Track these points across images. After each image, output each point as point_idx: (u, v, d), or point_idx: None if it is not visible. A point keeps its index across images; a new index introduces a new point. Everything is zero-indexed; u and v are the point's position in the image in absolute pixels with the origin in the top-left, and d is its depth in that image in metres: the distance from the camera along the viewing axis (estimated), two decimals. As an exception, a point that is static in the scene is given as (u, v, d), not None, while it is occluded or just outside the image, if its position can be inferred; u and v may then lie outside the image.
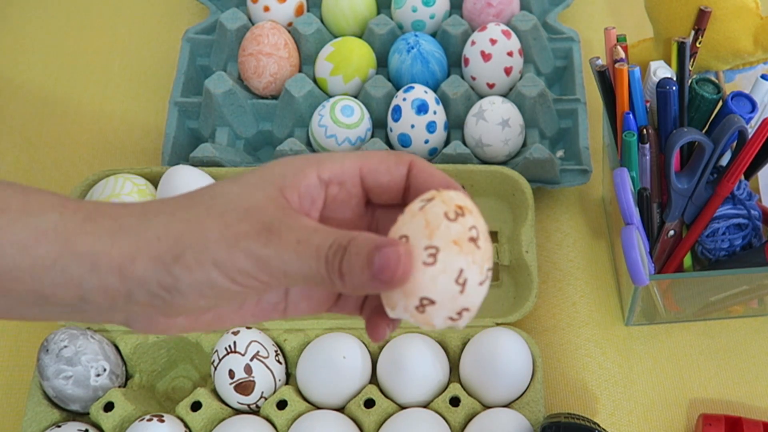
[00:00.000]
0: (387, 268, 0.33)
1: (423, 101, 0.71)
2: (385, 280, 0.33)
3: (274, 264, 0.34)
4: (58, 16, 0.90)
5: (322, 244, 0.34)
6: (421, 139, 0.71)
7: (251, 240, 0.34)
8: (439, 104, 0.73)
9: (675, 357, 0.66)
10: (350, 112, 0.69)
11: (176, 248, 0.35)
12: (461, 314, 0.34)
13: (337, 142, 0.71)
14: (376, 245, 0.33)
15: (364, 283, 0.34)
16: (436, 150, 0.73)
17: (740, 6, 0.64)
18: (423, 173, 0.39)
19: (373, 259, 0.33)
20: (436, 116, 0.72)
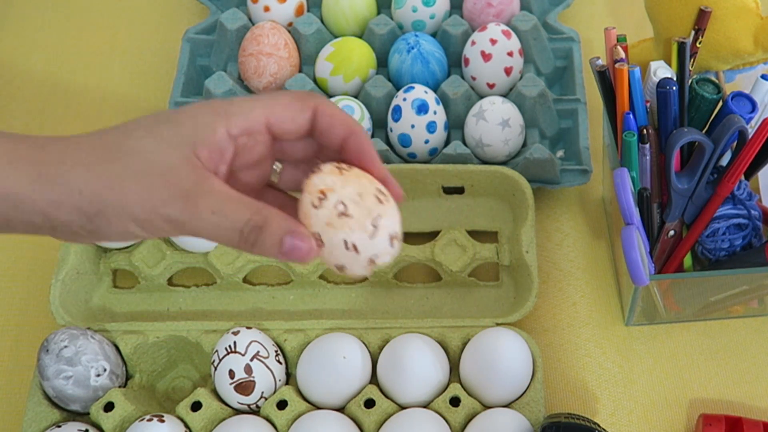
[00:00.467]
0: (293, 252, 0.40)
1: (423, 101, 0.71)
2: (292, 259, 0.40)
3: (188, 227, 0.40)
4: (59, 17, 0.90)
5: (238, 219, 0.39)
6: (422, 139, 0.72)
7: (169, 207, 0.39)
8: (439, 104, 0.73)
9: (675, 357, 0.66)
10: (350, 112, 0.69)
11: (97, 204, 0.39)
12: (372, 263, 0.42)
13: None
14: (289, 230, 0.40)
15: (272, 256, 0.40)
16: (437, 150, 0.73)
17: (740, 6, 0.64)
18: (326, 118, 0.43)
19: (284, 242, 0.40)
20: (436, 116, 0.72)
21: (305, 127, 0.43)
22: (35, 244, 0.74)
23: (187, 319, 0.68)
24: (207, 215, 0.39)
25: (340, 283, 0.70)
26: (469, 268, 0.68)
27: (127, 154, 0.40)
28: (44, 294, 0.68)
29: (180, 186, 0.39)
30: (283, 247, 0.40)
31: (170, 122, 0.41)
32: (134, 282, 0.70)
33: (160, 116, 0.41)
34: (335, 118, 0.43)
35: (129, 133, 0.40)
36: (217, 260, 0.69)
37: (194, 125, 0.40)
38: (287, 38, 0.77)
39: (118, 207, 0.39)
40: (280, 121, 0.43)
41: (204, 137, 0.40)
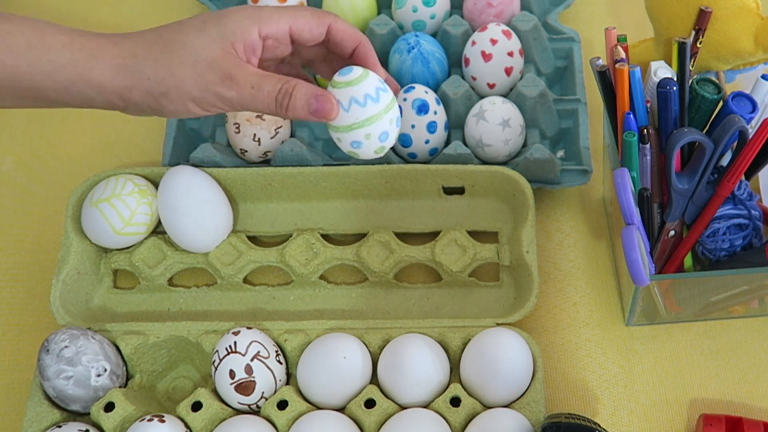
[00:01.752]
0: (321, 110, 0.53)
1: (423, 101, 0.71)
2: (320, 117, 0.53)
3: (236, 102, 0.53)
4: (58, 17, 0.90)
5: (272, 89, 0.53)
6: (422, 139, 0.72)
7: (218, 86, 0.52)
8: (439, 104, 0.73)
9: (675, 357, 0.66)
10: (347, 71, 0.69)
11: (162, 87, 0.52)
12: None
13: None
14: (314, 93, 0.53)
15: (303, 116, 0.53)
16: (437, 150, 0.73)
17: (741, 6, 0.64)
18: (339, 32, 0.57)
19: (311, 103, 0.53)
20: (436, 116, 0.72)
21: (321, 38, 0.57)
22: (36, 245, 0.74)
23: (187, 319, 0.68)
24: (248, 89, 0.52)
25: (341, 283, 0.71)
26: (470, 268, 0.68)
27: (183, 47, 0.52)
28: (45, 294, 0.69)
29: (224, 70, 0.52)
30: (311, 106, 0.53)
31: (214, 22, 0.53)
32: (135, 282, 0.70)
33: (206, 17, 0.54)
34: (346, 32, 0.57)
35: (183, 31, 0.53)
36: (218, 261, 0.69)
37: (234, 26, 0.53)
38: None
39: (178, 88, 0.52)
40: (300, 31, 0.56)
41: (241, 36, 0.53)
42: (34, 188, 0.78)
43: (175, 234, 0.68)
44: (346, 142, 0.55)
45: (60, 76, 0.51)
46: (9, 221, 0.76)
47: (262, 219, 0.73)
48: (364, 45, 0.57)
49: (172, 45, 0.52)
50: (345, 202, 0.72)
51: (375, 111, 0.54)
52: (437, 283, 0.70)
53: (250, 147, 0.72)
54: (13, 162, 0.79)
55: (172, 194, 0.67)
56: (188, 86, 0.52)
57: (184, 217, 0.67)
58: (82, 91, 0.52)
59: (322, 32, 0.56)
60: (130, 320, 0.68)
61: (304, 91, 0.53)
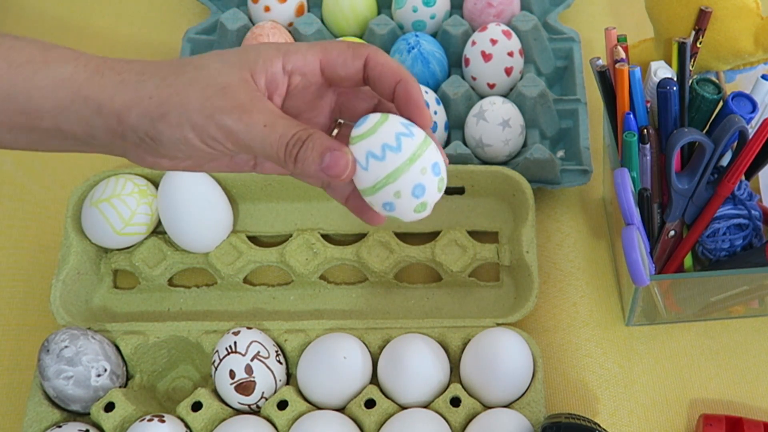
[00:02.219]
0: (333, 167, 0.42)
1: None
2: (332, 175, 0.42)
3: (241, 137, 0.43)
4: (59, 17, 0.90)
5: (285, 133, 0.42)
6: (422, 139, 0.71)
7: (225, 114, 0.42)
8: (439, 104, 0.73)
9: (675, 357, 0.66)
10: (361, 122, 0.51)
11: (162, 108, 0.43)
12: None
13: None
14: (329, 147, 0.42)
15: (312, 173, 0.42)
16: (437, 150, 0.73)
17: (741, 6, 0.64)
18: (377, 66, 0.45)
19: (324, 157, 0.42)
20: (436, 116, 0.72)
21: (357, 74, 0.46)
22: (36, 245, 0.74)
23: (187, 319, 0.68)
24: (259, 127, 0.42)
25: (341, 283, 0.71)
26: (470, 268, 0.68)
27: (196, 69, 0.44)
28: (45, 294, 0.68)
29: (237, 99, 0.43)
30: (324, 162, 0.42)
31: (236, 50, 0.46)
32: (135, 282, 0.70)
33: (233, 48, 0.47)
34: (385, 66, 0.45)
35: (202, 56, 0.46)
36: (218, 261, 0.69)
37: (256, 54, 0.45)
38: (287, 38, 0.77)
39: (179, 110, 0.43)
40: (333, 64, 0.46)
41: (263, 65, 0.44)
42: (34, 188, 0.78)
43: (176, 234, 0.68)
44: (378, 205, 0.44)
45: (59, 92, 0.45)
46: (9, 221, 0.76)
47: (262, 219, 0.73)
48: (405, 82, 0.45)
49: (185, 66, 0.45)
50: (345, 202, 0.72)
51: (398, 163, 0.43)
52: (437, 283, 0.70)
53: None
54: (13, 162, 0.79)
55: (172, 194, 0.67)
56: (191, 108, 0.43)
57: (184, 217, 0.67)
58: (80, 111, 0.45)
59: (359, 66, 0.46)
60: (130, 320, 0.68)
61: (319, 143, 0.42)
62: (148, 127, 0.44)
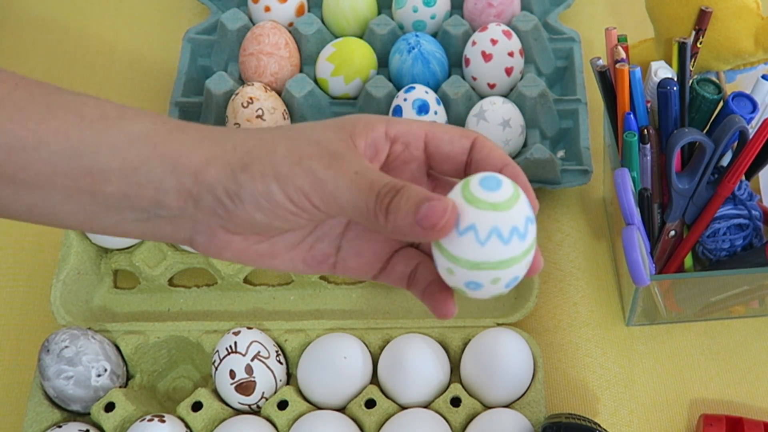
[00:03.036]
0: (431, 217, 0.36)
1: (424, 101, 0.71)
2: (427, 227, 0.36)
3: (329, 187, 0.38)
4: (59, 17, 0.90)
5: (377, 181, 0.38)
6: (422, 139, 0.71)
7: (314, 161, 0.38)
8: (440, 104, 0.73)
9: (676, 357, 0.66)
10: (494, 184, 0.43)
11: (246, 158, 0.39)
12: None
13: None
14: (427, 197, 0.37)
15: (406, 226, 0.37)
16: (437, 150, 0.73)
17: (741, 6, 0.64)
18: (484, 149, 0.42)
19: (421, 207, 0.36)
20: (437, 116, 0.72)
21: (462, 154, 0.42)
22: (36, 245, 0.74)
23: (187, 319, 0.68)
24: (350, 174, 0.38)
25: (341, 283, 0.71)
26: (470, 268, 0.68)
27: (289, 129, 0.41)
28: (45, 294, 0.68)
29: (329, 148, 0.39)
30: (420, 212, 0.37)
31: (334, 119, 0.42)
32: (135, 282, 0.70)
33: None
34: (493, 151, 0.43)
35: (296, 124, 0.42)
36: (218, 260, 0.69)
37: (356, 119, 0.42)
38: (288, 38, 0.77)
39: (265, 160, 0.39)
40: (438, 139, 0.42)
41: (363, 130, 0.41)
42: (34, 188, 0.78)
43: (176, 234, 0.68)
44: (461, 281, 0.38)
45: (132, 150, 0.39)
46: (9, 221, 0.76)
47: (263, 219, 0.73)
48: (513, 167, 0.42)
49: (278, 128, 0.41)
50: (345, 202, 0.72)
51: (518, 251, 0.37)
52: (437, 283, 0.70)
53: None
54: (14, 162, 0.79)
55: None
56: (278, 155, 0.39)
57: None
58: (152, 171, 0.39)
59: (466, 147, 0.42)
60: (130, 320, 0.68)
61: (416, 192, 0.37)
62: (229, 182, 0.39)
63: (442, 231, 0.36)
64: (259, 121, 0.71)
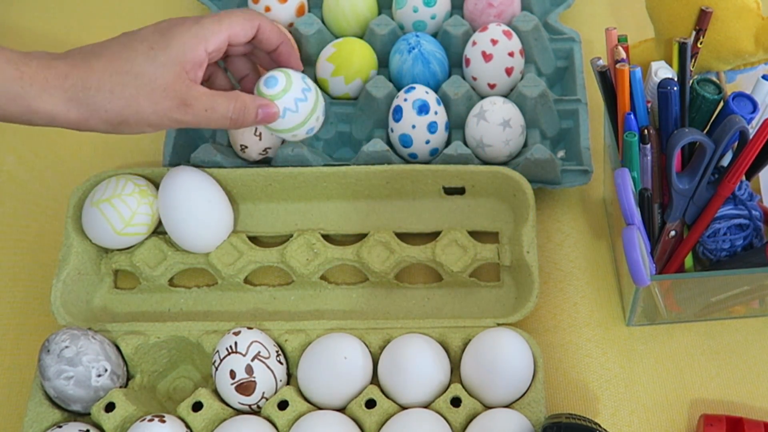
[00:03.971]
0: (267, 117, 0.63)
1: (424, 102, 0.71)
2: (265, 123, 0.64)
3: (191, 123, 0.59)
4: (59, 17, 0.90)
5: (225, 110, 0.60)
6: (423, 139, 0.72)
7: (174, 112, 0.57)
8: (440, 105, 0.73)
9: (676, 357, 0.66)
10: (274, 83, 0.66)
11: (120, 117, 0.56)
12: None
13: None
14: (259, 105, 0.62)
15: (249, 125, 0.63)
16: (438, 150, 0.73)
17: (741, 6, 0.64)
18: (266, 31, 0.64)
19: (258, 112, 0.63)
20: (437, 117, 0.72)
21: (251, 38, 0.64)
22: (37, 245, 0.74)
23: (188, 319, 0.68)
24: (202, 113, 0.59)
25: (341, 283, 0.71)
26: (470, 268, 0.68)
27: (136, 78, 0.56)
28: (45, 294, 0.69)
29: (179, 96, 0.57)
30: (259, 116, 0.62)
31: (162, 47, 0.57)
32: (135, 283, 0.70)
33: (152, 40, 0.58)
34: (272, 31, 0.64)
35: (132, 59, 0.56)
36: (218, 261, 0.69)
37: (182, 48, 0.58)
38: (288, 38, 0.77)
39: (136, 117, 0.56)
40: (236, 36, 0.62)
41: (189, 57, 0.58)
42: (35, 188, 0.78)
43: (176, 234, 0.68)
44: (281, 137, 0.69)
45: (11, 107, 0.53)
46: (10, 221, 0.76)
47: (263, 219, 0.73)
48: (285, 44, 0.66)
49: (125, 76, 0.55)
50: (345, 202, 0.72)
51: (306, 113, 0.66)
52: (438, 284, 0.70)
53: (250, 142, 0.71)
54: (15, 161, 0.79)
55: (172, 194, 0.67)
56: (146, 114, 0.56)
57: (184, 217, 0.67)
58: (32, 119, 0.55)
59: (254, 32, 0.63)
60: (130, 320, 0.68)
61: (252, 106, 0.61)
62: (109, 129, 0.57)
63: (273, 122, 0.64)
64: None
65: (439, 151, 0.73)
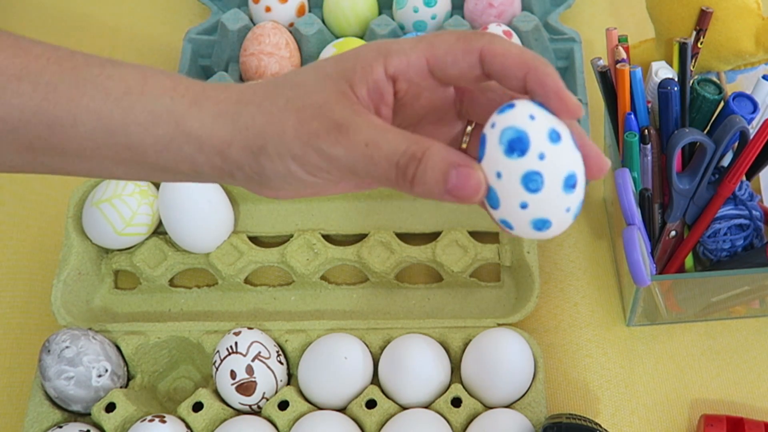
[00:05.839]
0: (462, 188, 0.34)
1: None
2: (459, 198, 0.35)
3: (344, 162, 0.36)
4: (60, 17, 0.90)
5: (392, 151, 0.35)
6: (423, 139, 0.71)
7: (322, 139, 0.37)
8: (440, 105, 0.73)
9: (676, 357, 0.66)
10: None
11: (260, 140, 0.38)
12: None
13: None
14: (453, 163, 0.34)
15: (436, 194, 0.35)
16: (438, 150, 0.73)
17: (742, 6, 0.64)
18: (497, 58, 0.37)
19: (449, 176, 0.34)
20: (437, 117, 0.72)
21: (472, 70, 0.38)
22: (37, 245, 0.74)
23: (188, 319, 0.68)
24: (360, 147, 0.36)
25: (342, 284, 0.71)
26: (471, 268, 0.68)
27: (291, 89, 0.39)
28: (46, 294, 0.69)
29: (333, 118, 0.37)
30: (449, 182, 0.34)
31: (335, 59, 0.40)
32: (136, 283, 0.70)
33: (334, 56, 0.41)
34: (508, 56, 0.37)
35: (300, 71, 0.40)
36: (219, 261, 0.69)
37: (355, 62, 0.39)
38: (288, 38, 0.77)
39: (277, 142, 0.38)
40: (441, 63, 0.38)
41: (363, 74, 0.38)
42: (35, 188, 0.78)
43: (176, 234, 0.68)
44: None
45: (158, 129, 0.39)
46: (10, 221, 0.76)
47: (263, 219, 0.73)
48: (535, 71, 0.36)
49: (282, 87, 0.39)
50: (346, 202, 0.72)
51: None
52: (438, 284, 0.70)
53: None
54: (14, 162, 0.79)
55: (173, 195, 0.67)
56: (288, 137, 0.37)
57: (185, 217, 0.67)
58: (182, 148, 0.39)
59: (472, 62, 0.38)
60: (131, 320, 0.68)
61: (440, 158, 0.35)
62: (251, 163, 0.39)
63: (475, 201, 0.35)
64: None
65: (439, 152, 0.73)
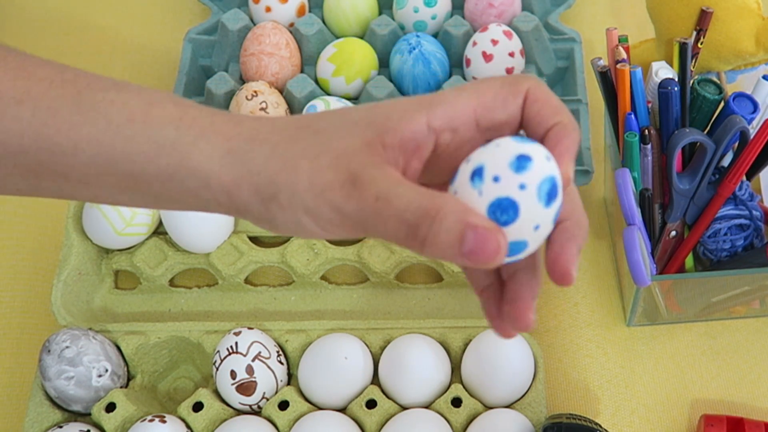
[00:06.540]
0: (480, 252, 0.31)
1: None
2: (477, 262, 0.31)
3: (355, 219, 0.33)
4: (60, 18, 0.90)
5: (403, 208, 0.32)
6: (423, 139, 0.71)
7: (335, 192, 0.34)
8: (440, 105, 0.73)
9: (677, 357, 0.66)
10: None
11: (272, 187, 0.35)
12: None
13: None
14: (469, 224, 0.31)
15: (448, 257, 0.32)
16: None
17: (742, 7, 0.64)
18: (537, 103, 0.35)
19: (465, 238, 0.31)
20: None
21: (517, 115, 0.36)
22: (37, 245, 0.74)
23: (188, 319, 0.68)
24: (370, 201, 0.33)
25: (342, 284, 0.71)
26: (471, 268, 0.68)
27: (312, 134, 0.35)
28: (46, 295, 0.68)
29: (348, 168, 0.34)
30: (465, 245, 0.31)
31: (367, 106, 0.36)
32: (136, 283, 0.70)
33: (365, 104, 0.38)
34: (547, 103, 0.35)
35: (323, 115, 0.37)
36: (219, 261, 0.69)
37: (390, 110, 0.35)
38: (288, 38, 0.77)
39: (289, 192, 0.34)
40: (490, 110, 0.36)
41: (398, 124, 0.34)
42: (35, 189, 0.78)
43: (177, 234, 0.68)
44: None
45: (161, 160, 0.36)
46: (10, 221, 0.76)
47: (264, 219, 0.73)
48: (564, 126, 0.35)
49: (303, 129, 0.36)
50: (346, 202, 0.72)
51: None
52: (438, 284, 0.70)
53: None
54: (15, 162, 0.79)
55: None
56: (301, 188, 0.34)
57: (185, 217, 0.67)
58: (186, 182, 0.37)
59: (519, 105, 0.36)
60: (131, 320, 0.68)
61: (455, 217, 0.31)
62: (261, 209, 0.36)
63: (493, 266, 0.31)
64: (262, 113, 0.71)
65: (439, 152, 0.73)
